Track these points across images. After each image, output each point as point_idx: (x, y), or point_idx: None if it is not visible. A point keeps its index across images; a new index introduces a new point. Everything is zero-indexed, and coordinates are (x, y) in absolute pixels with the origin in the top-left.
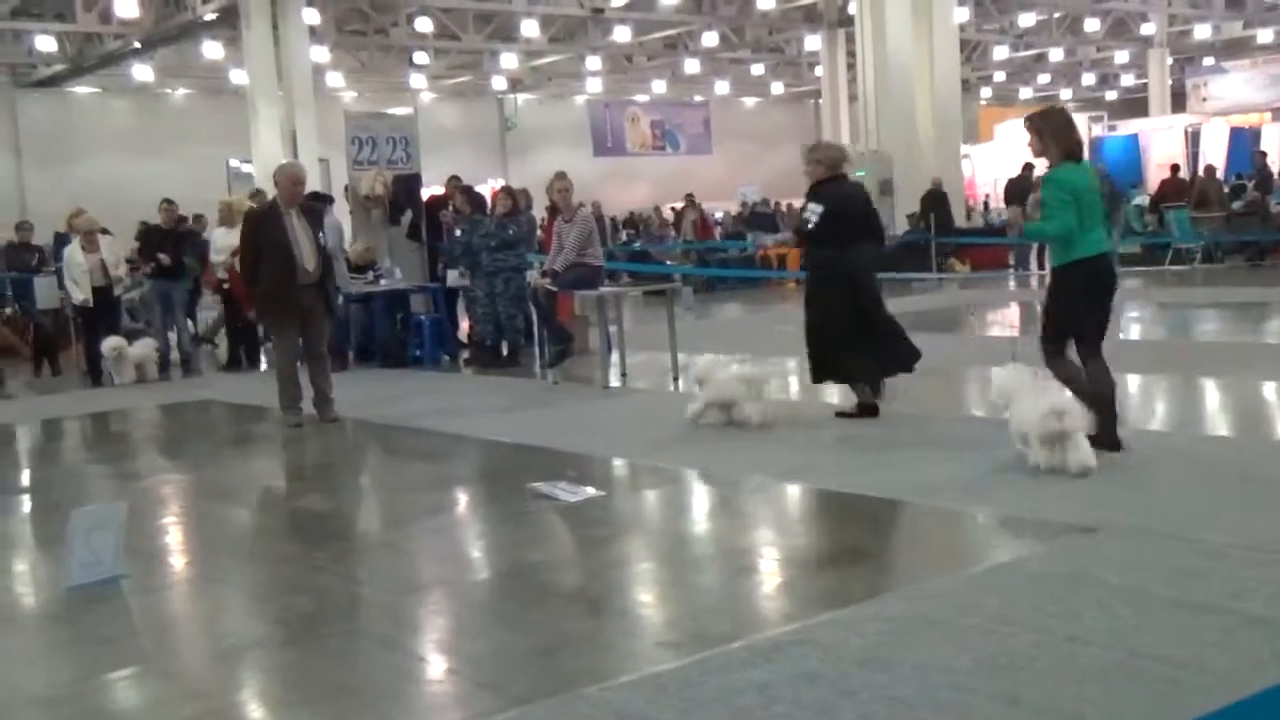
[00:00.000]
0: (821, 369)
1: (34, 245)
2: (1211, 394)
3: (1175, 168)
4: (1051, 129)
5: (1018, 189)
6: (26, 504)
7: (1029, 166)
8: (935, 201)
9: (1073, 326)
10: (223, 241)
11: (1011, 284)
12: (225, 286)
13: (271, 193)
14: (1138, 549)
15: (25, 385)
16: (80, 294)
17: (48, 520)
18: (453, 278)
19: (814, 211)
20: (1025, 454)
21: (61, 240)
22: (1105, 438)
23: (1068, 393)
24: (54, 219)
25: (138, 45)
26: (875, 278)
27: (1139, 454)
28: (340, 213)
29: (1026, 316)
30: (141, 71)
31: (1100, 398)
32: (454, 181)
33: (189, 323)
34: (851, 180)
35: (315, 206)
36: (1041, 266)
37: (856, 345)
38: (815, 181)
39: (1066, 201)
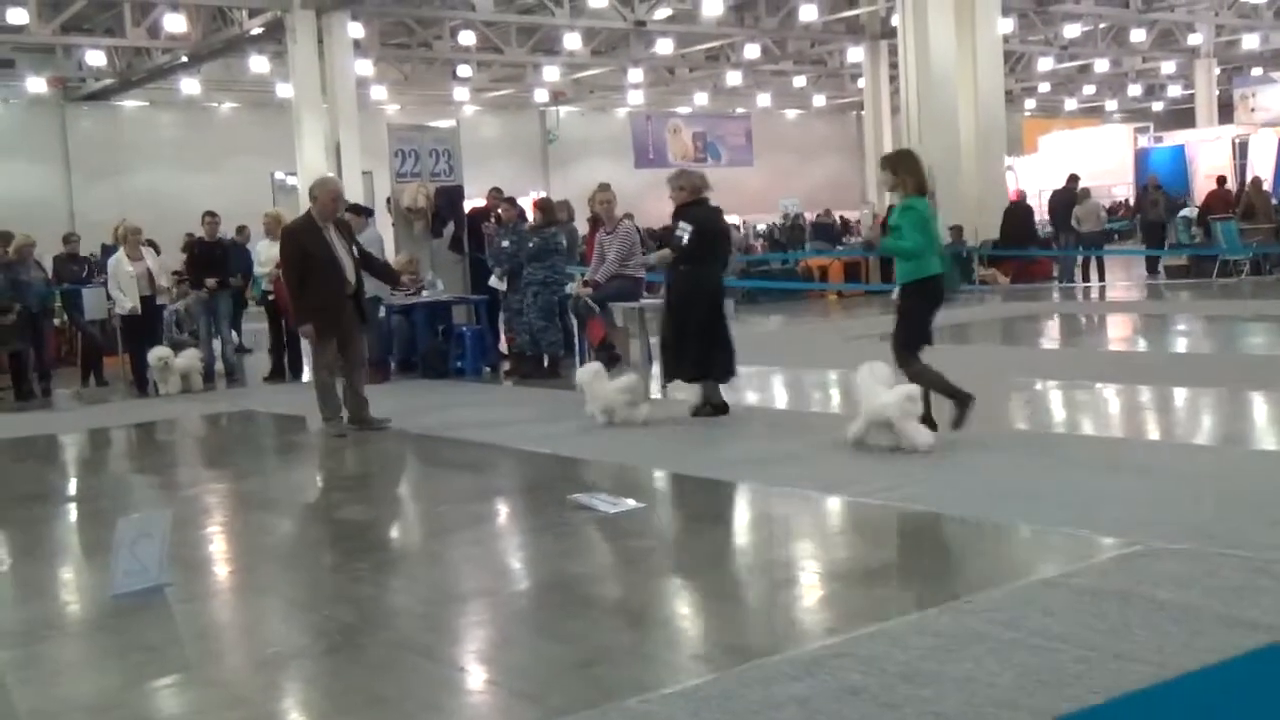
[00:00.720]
0: (679, 369)
1: (81, 256)
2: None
3: (1222, 179)
4: (906, 168)
5: (1063, 200)
6: (73, 513)
7: (1074, 178)
8: (1019, 216)
9: (926, 333)
10: (267, 254)
11: (1056, 296)
12: (270, 298)
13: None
14: (1187, 566)
15: (72, 395)
16: (129, 302)
17: (94, 529)
18: (494, 280)
19: (685, 230)
20: (863, 438)
21: (109, 251)
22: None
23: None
24: (102, 230)
25: (185, 59)
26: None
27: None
28: (382, 224)
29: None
30: (189, 85)
31: (933, 385)
32: (495, 193)
33: (233, 334)
34: (712, 205)
35: (345, 221)
36: (1086, 279)
37: (709, 349)
38: (680, 204)
39: (919, 225)
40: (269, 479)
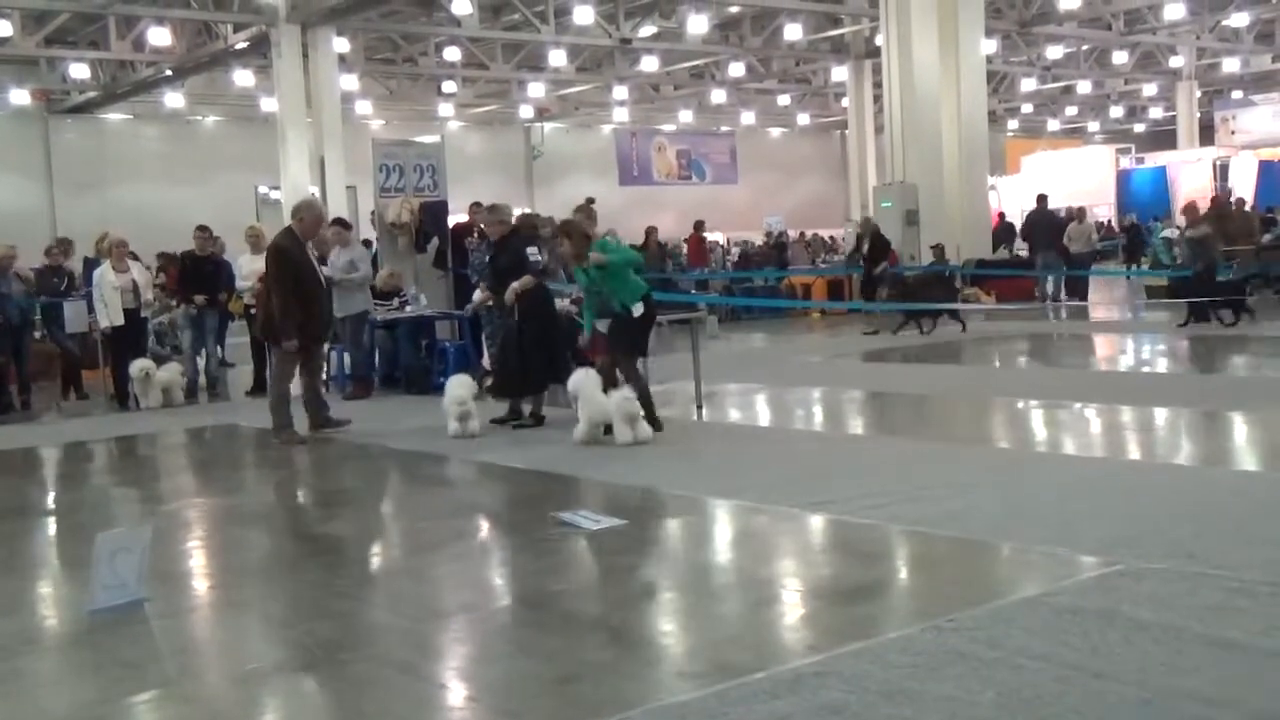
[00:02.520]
0: (530, 382)
1: (64, 269)
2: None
3: (1215, 200)
4: (577, 235)
5: (1040, 220)
6: (52, 527)
7: (1043, 198)
8: (1059, 228)
9: (642, 345)
10: (249, 267)
11: (1047, 315)
12: (252, 312)
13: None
14: (1167, 585)
15: (52, 409)
16: (112, 315)
17: (72, 543)
18: (477, 295)
19: (534, 254)
20: (590, 434)
21: (91, 264)
22: (650, 421)
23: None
24: (84, 243)
25: (170, 72)
26: None
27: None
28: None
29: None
30: (173, 98)
31: (644, 394)
32: (476, 207)
33: (217, 348)
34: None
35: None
36: (1084, 298)
37: (553, 360)
38: (502, 235)
39: (632, 260)
40: (250, 494)
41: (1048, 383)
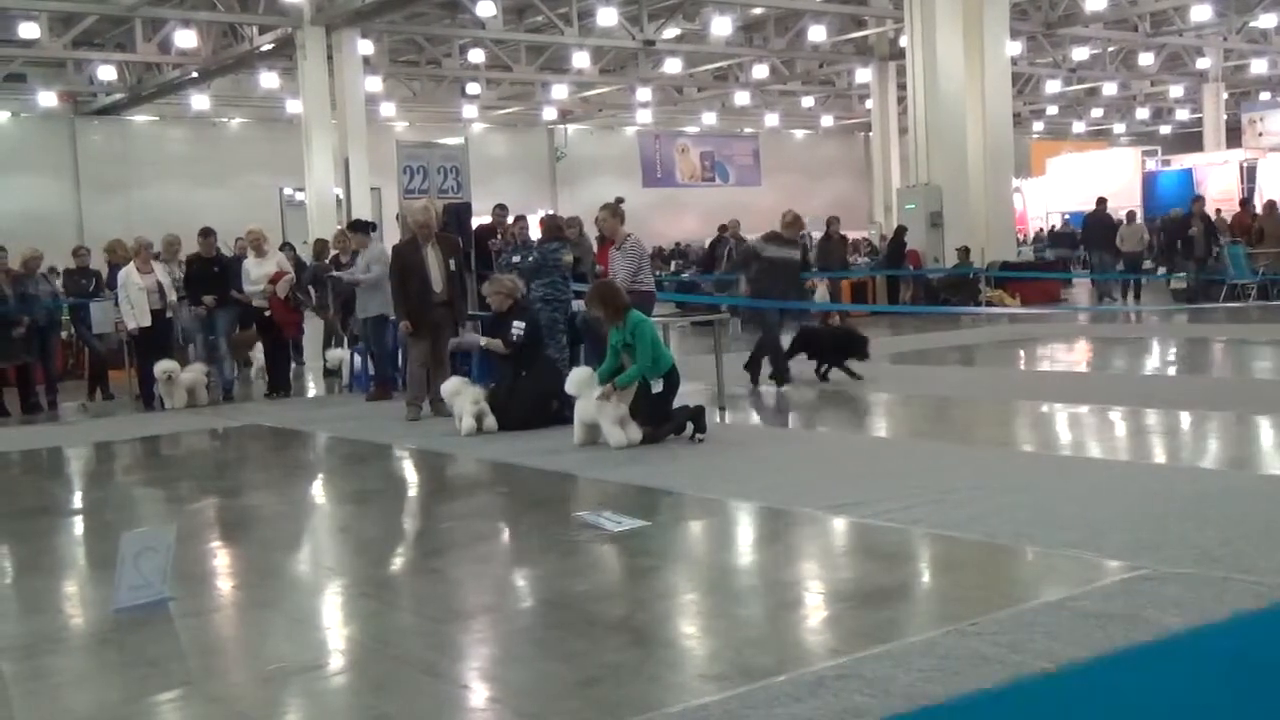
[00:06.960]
0: (530, 424)
1: (91, 270)
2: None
3: (1244, 202)
4: (611, 305)
5: (1098, 223)
6: (78, 526)
7: (1102, 200)
8: (1101, 230)
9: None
10: (256, 271)
11: (1066, 318)
12: (266, 314)
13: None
14: (1192, 590)
15: (78, 409)
16: (139, 316)
17: (98, 543)
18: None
19: (519, 328)
20: (584, 436)
21: (115, 266)
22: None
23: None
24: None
25: (195, 75)
26: None
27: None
28: (391, 241)
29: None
30: (199, 100)
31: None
32: (500, 210)
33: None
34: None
35: (450, 238)
36: (1138, 298)
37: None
38: (500, 312)
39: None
40: (273, 494)
41: (1073, 385)
